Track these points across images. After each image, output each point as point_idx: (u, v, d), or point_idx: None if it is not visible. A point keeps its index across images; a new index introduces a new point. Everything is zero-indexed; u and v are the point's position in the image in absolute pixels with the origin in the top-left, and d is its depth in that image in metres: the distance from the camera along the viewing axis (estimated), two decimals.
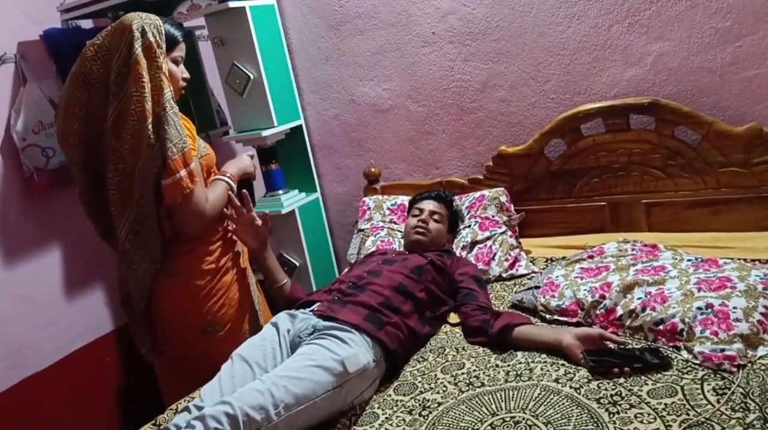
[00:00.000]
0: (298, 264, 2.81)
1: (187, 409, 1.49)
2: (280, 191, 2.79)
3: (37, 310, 2.58)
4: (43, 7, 2.77)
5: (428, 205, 2.28)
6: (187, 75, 1.96)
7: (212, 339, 1.96)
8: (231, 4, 2.49)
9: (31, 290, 2.55)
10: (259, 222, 2.04)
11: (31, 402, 2.53)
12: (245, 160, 2.12)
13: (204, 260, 1.94)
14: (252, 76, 2.60)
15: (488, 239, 2.30)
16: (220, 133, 3.19)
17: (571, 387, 1.49)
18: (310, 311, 1.85)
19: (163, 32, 1.82)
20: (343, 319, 1.73)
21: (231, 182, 2.00)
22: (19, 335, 2.51)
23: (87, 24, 3.07)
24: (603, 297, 1.77)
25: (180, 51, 1.92)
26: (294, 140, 2.87)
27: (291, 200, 2.78)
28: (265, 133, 2.62)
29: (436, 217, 2.24)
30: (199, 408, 1.47)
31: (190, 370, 1.94)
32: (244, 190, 2.03)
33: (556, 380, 1.52)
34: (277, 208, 2.71)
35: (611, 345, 1.61)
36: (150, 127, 1.74)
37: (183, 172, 1.75)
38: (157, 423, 1.65)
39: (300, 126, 2.87)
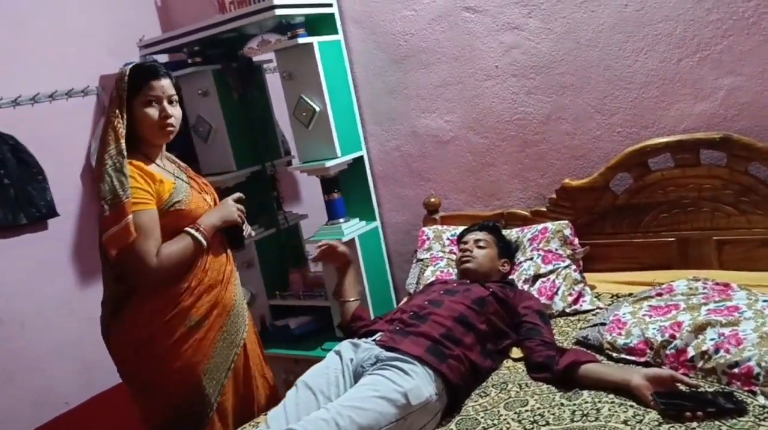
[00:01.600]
0: None
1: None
2: (341, 220, 2.84)
3: None
4: (124, 42, 2.94)
5: (471, 236, 2.30)
6: (169, 113, 1.86)
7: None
8: (300, 40, 2.58)
9: None
10: (342, 249, 2.20)
11: (102, 416, 2.62)
12: (226, 208, 1.99)
13: (155, 312, 1.86)
14: (318, 109, 2.67)
15: (551, 272, 2.27)
16: (284, 162, 3.28)
17: None
18: (373, 340, 1.87)
19: (125, 80, 1.82)
20: (405, 350, 1.74)
21: (198, 235, 1.86)
22: (92, 353, 2.61)
23: (163, 59, 3.23)
24: (673, 337, 1.72)
25: (152, 90, 1.84)
26: (356, 170, 2.92)
27: (351, 229, 2.82)
28: (329, 163, 2.67)
29: (480, 243, 2.25)
30: None
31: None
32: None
33: (625, 422, 1.49)
34: (337, 236, 2.75)
35: (682, 387, 1.56)
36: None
37: (114, 228, 1.74)
38: None
39: (362, 157, 2.92)
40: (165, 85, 1.87)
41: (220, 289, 1.95)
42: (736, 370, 1.55)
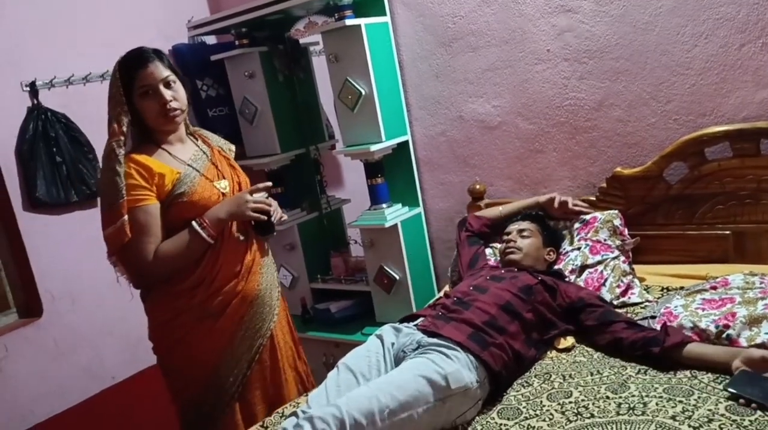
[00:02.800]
0: (398, 278, 2.83)
1: (294, 414, 1.52)
2: (384, 205, 2.82)
3: None
4: (173, 23, 2.97)
5: (514, 226, 2.26)
6: (166, 98, 1.79)
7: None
8: (347, 22, 2.56)
9: None
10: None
11: (146, 391, 2.68)
12: (236, 203, 1.86)
13: (172, 299, 1.87)
14: (363, 92, 2.65)
15: (599, 263, 2.21)
16: (328, 146, 3.28)
17: (689, 426, 1.40)
18: (414, 325, 1.85)
19: (117, 77, 1.78)
20: (447, 336, 1.72)
21: (198, 229, 1.80)
22: (137, 330, 2.67)
23: (211, 40, 3.26)
24: (726, 326, 1.66)
25: (141, 80, 1.78)
26: (400, 155, 2.89)
27: (394, 214, 2.81)
28: (373, 147, 2.66)
29: (524, 233, 2.21)
30: (306, 413, 1.50)
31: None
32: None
33: (673, 417, 1.44)
34: (380, 222, 2.74)
35: None
36: None
37: (110, 229, 1.74)
38: (265, 425, 1.70)
39: (407, 141, 2.90)
40: (155, 70, 1.78)
41: (239, 280, 1.91)
42: None
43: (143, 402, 2.77)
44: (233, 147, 2.17)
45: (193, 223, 1.80)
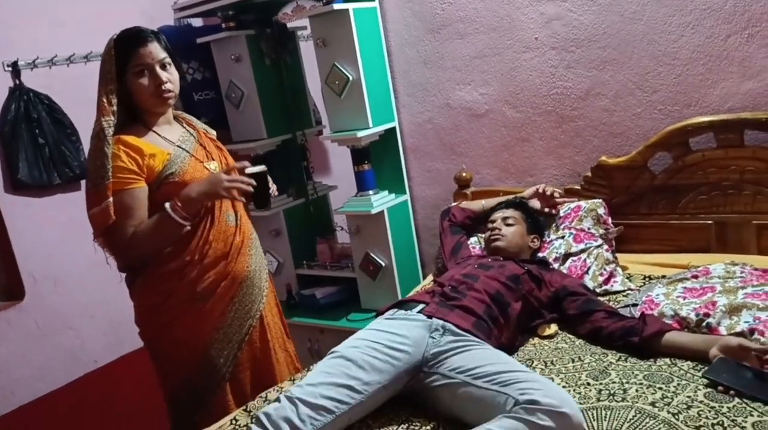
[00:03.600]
0: (384, 264, 2.83)
1: (278, 399, 1.52)
2: (371, 192, 2.82)
3: None
4: (159, 4, 2.94)
5: (498, 214, 2.26)
6: (163, 79, 1.79)
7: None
8: (335, 6, 2.54)
9: None
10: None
11: (129, 376, 2.68)
12: (211, 183, 1.79)
13: (162, 281, 1.86)
14: (351, 78, 2.63)
15: (582, 251, 2.23)
16: (315, 132, 3.27)
17: (668, 412, 1.42)
18: (418, 311, 1.79)
19: (111, 53, 1.76)
20: (456, 323, 1.71)
21: (169, 210, 1.75)
22: (120, 314, 2.65)
23: (197, 22, 3.22)
24: (707, 315, 1.68)
25: (140, 58, 1.76)
26: (387, 142, 2.89)
27: (381, 201, 2.80)
28: (360, 133, 2.65)
29: (509, 221, 2.21)
30: (289, 399, 1.50)
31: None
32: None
33: (653, 404, 1.46)
34: (366, 209, 2.74)
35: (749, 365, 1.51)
36: None
37: (95, 209, 1.73)
38: (248, 409, 1.70)
39: (394, 128, 2.89)
40: (153, 50, 1.78)
41: (228, 261, 1.90)
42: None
43: (126, 387, 2.76)
44: (214, 133, 2.15)
45: (166, 205, 1.76)
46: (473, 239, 2.50)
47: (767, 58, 2.12)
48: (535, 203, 2.38)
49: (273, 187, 2.07)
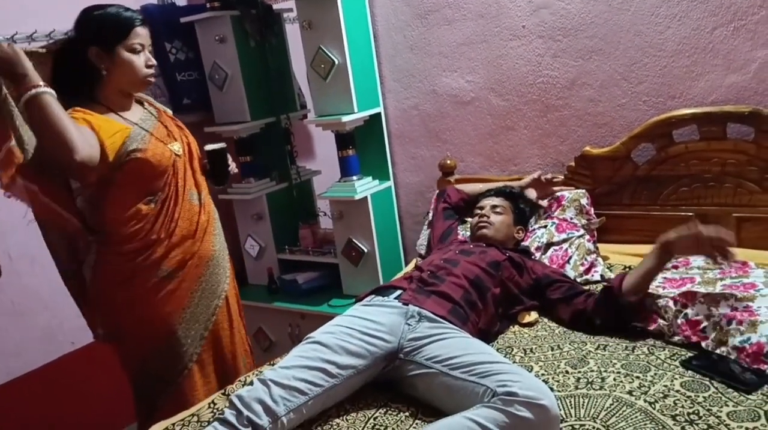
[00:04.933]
0: (366, 250, 2.82)
1: (251, 383, 1.52)
2: (355, 177, 2.80)
3: None
4: None
5: (488, 201, 2.25)
6: (152, 62, 1.85)
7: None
8: None
9: None
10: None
11: (106, 359, 2.65)
12: None
13: (128, 259, 1.85)
14: (337, 62, 2.61)
15: (564, 241, 2.24)
16: (299, 116, 3.24)
17: (645, 400, 1.43)
18: (395, 298, 1.80)
19: (108, 23, 1.78)
20: (431, 310, 1.72)
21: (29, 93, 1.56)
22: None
23: (181, 1, 3.17)
24: (685, 306, 1.69)
25: (135, 38, 1.80)
26: (372, 127, 2.87)
27: (364, 187, 2.79)
28: (345, 118, 2.63)
29: (497, 209, 2.20)
30: (262, 381, 1.50)
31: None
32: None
33: (630, 392, 1.47)
34: (350, 194, 2.72)
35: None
36: None
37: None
38: (226, 392, 1.69)
39: (379, 114, 2.87)
40: (146, 34, 1.83)
41: (195, 240, 1.92)
42: (747, 346, 1.53)
43: (103, 369, 2.72)
44: (170, 111, 2.13)
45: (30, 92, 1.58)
46: (463, 228, 2.48)
47: (751, 51, 2.13)
48: (531, 193, 2.37)
49: (232, 165, 2.10)
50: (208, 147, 2.03)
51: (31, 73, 1.57)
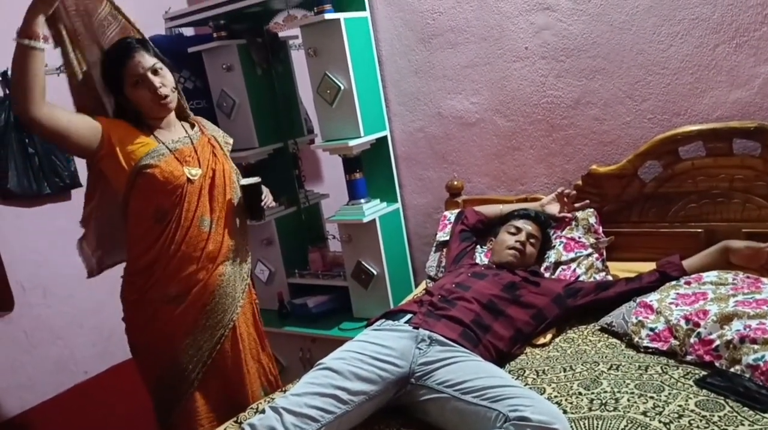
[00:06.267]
0: (376, 273, 2.83)
1: (263, 411, 1.52)
2: (362, 200, 2.81)
3: None
4: (150, 14, 2.93)
5: (527, 226, 2.20)
6: (156, 84, 1.83)
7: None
8: (327, 16, 2.54)
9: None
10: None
11: (119, 386, 2.66)
12: None
13: (137, 278, 1.93)
14: (342, 87, 2.64)
15: (573, 260, 2.23)
16: (306, 140, 3.27)
17: (660, 421, 1.42)
18: (405, 322, 1.80)
19: (108, 71, 1.85)
20: (441, 333, 1.71)
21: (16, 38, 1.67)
22: (110, 324, 2.64)
23: (188, 32, 3.22)
24: (697, 325, 1.68)
25: (131, 70, 1.81)
26: (378, 150, 2.89)
27: (372, 210, 2.80)
28: (352, 142, 2.65)
29: (532, 241, 2.17)
30: (274, 409, 1.50)
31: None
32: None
33: (644, 413, 1.46)
34: (358, 217, 2.73)
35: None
36: None
37: None
38: (239, 420, 1.69)
39: (385, 137, 2.89)
40: (141, 59, 1.82)
41: (199, 268, 1.91)
42: (761, 363, 1.51)
43: (116, 398, 2.74)
44: (231, 140, 2.18)
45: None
46: (480, 250, 2.45)
47: (755, 67, 2.14)
48: (553, 208, 2.35)
49: (269, 199, 2.10)
50: (243, 182, 2.02)
51: (40, 22, 1.67)
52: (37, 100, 1.68)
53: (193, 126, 2.04)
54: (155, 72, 1.84)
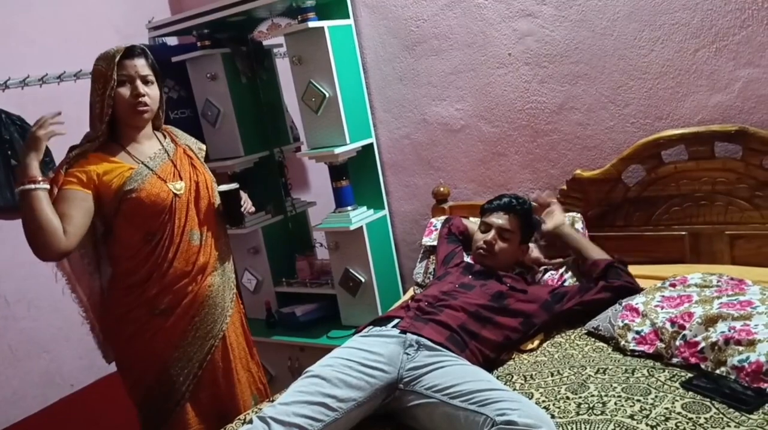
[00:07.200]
0: (363, 280, 2.83)
1: (250, 421, 1.51)
2: (349, 208, 2.81)
3: None
4: (134, 24, 2.93)
5: (498, 220, 2.12)
6: (141, 91, 1.83)
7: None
8: (310, 24, 2.55)
9: None
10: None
11: (106, 399, 2.63)
12: (27, 141, 1.74)
13: (124, 294, 1.92)
14: (327, 95, 2.64)
15: (561, 265, 2.24)
16: (292, 148, 3.27)
17: (647, 424, 1.42)
18: (392, 327, 1.80)
19: (100, 63, 1.83)
20: (428, 336, 1.71)
21: (19, 189, 1.70)
22: None
23: (172, 41, 3.21)
24: (682, 327, 1.69)
25: (124, 69, 1.82)
26: (364, 158, 2.89)
27: (359, 217, 2.80)
28: (338, 150, 2.65)
29: (505, 235, 2.10)
30: (261, 418, 1.49)
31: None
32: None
33: (631, 417, 1.46)
34: (345, 225, 2.73)
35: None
36: None
37: None
38: None
39: (371, 144, 2.90)
40: (138, 64, 1.84)
41: (190, 281, 1.92)
42: (745, 364, 1.52)
43: (103, 411, 2.71)
44: (203, 146, 2.16)
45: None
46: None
47: (734, 71, 2.16)
48: (551, 220, 2.25)
49: (248, 204, 2.09)
50: (220, 188, 2.01)
51: (36, 166, 1.70)
52: (59, 238, 1.72)
53: (165, 136, 2.03)
54: (145, 82, 1.85)
